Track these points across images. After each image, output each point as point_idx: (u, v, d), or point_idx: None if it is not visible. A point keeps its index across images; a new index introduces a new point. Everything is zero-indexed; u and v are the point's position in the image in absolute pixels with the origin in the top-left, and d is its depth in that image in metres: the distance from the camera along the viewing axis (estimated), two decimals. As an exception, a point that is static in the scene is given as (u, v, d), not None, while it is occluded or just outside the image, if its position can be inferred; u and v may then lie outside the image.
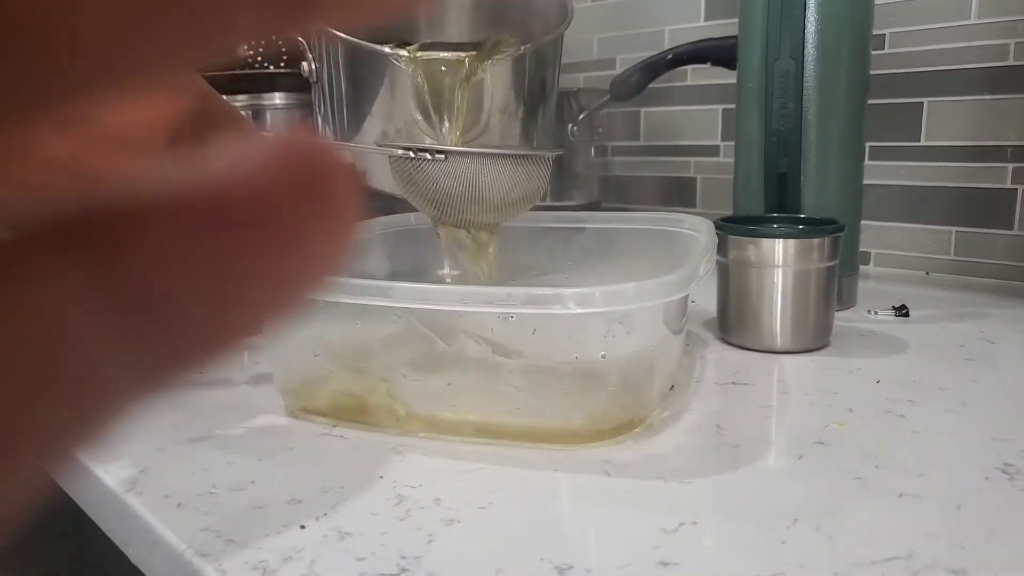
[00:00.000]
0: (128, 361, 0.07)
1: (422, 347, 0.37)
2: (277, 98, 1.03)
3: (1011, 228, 0.73)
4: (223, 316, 0.08)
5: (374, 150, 0.46)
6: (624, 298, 0.32)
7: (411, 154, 0.42)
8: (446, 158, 0.42)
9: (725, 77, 0.87)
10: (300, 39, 0.62)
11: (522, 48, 0.56)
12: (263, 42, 1.04)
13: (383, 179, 0.52)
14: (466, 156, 0.43)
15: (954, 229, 0.76)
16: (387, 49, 0.55)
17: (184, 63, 0.07)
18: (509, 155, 0.43)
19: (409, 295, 0.35)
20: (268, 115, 1.05)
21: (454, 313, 0.35)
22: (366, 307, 0.37)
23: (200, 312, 0.08)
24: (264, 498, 0.33)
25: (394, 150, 0.43)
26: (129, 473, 0.36)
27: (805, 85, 0.58)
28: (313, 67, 0.62)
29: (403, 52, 0.54)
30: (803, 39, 0.57)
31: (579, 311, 0.32)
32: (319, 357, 0.40)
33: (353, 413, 0.40)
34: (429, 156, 0.42)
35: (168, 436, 0.40)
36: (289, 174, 0.08)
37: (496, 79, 0.55)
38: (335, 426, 0.41)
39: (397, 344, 0.37)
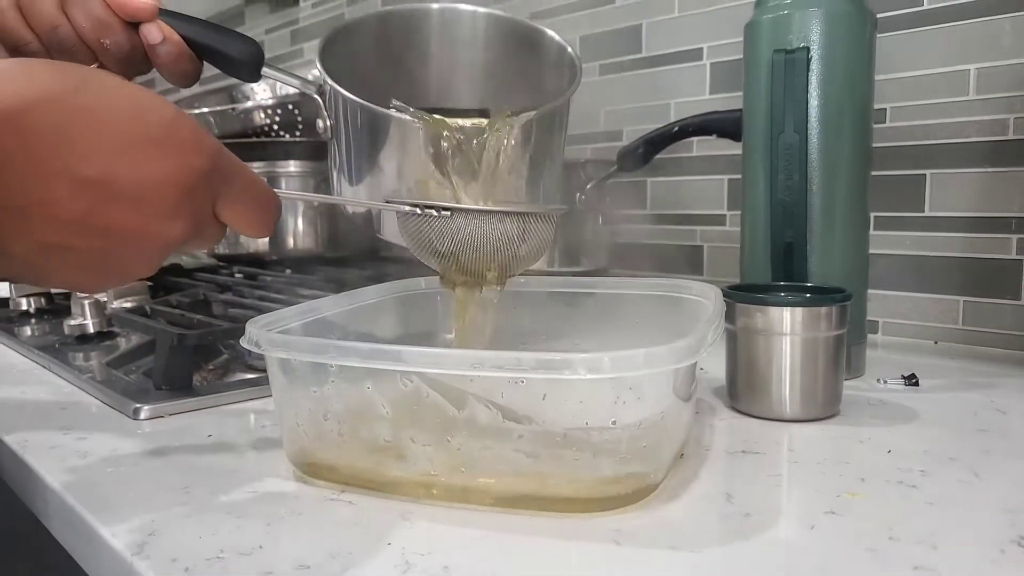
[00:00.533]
0: None
1: (431, 412, 0.37)
2: (292, 166, 1.05)
3: (1018, 298, 0.73)
4: None
5: (383, 207, 0.47)
6: (634, 364, 0.32)
7: (418, 211, 0.44)
8: (452, 215, 0.43)
9: (730, 148, 0.89)
10: (316, 97, 0.64)
11: (534, 112, 0.58)
12: (279, 112, 1.07)
13: (394, 233, 0.54)
14: (472, 213, 0.44)
15: (961, 299, 0.76)
16: (406, 116, 0.56)
17: None
18: (515, 212, 0.44)
19: (419, 359, 0.35)
20: (283, 182, 1.07)
21: (464, 378, 0.35)
22: (376, 371, 0.38)
23: None
24: (272, 563, 0.33)
25: (402, 207, 0.44)
26: (136, 537, 0.36)
27: (809, 157, 0.60)
28: (328, 124, 0.64)
29: (414, 120, 0.56)
30: (806, 113, 0.59)
31: (589, 377, 0.32)
32: (328, 421, 0.40)
33: (361, 478, 0.40)
34: (435, 213, 0.43)
35: (175, 499, 0.40)
36: None
37: (509, 142, 0.56)
38: (343, 491, 0.40)
39: (406, 408, 0.38)
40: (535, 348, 0.35)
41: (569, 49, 0.70)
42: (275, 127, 1.07)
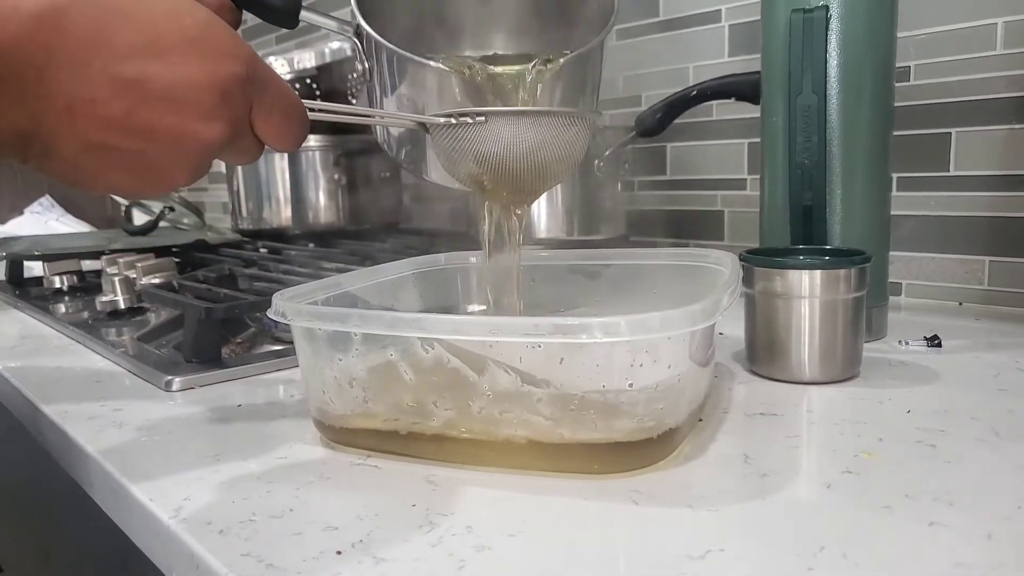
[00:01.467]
0: None
1: (453, 377, 0.38)
2: (310, 140, 1.06)
3: (1045, 257, 0.72)
4: None
5: (418, 118, 0.47)
6: (650, 327, 0.33)
7: (452, 120, 0.44)
8: (487, 120, 0.43)
9: (750, 112, 0.88)
10: (354, 39, 0.64)
11: (571, 55, 0.57)
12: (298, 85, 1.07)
13: (442, 176, 0.54)
14: (506, 116, 0.44)
15: (987, 259, 0.76)
16: (443, 66, 0.56)
17: None
18: (548, 112, 0.45)
19: (440, 326, 0.36)
20: (302, 155, 1.08)
21: (484, 344, 0.36)
22: (398, 338, 0.39)
23: None
24: (301, 525, 0.34)
25: (436, 118, 0.45)
26: (172, 501, 0.37)
27: (828, 119, 0.59)
28: (365, 67, 0.64)
29: (451, 71, 0.55)
30: (825, 74, 0.58)
31: (605, 340, 0.33)
32: (353, 388, 0.41)
33: (386, 443, 0.41)
34: (470, 120, 0.44)
35: (209, 467, 0.42)
36: None
37: (553, 82, 0.56)
38: (368, 456, 0.42)
39: (428, 373, 0.39)
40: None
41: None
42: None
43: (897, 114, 0.63)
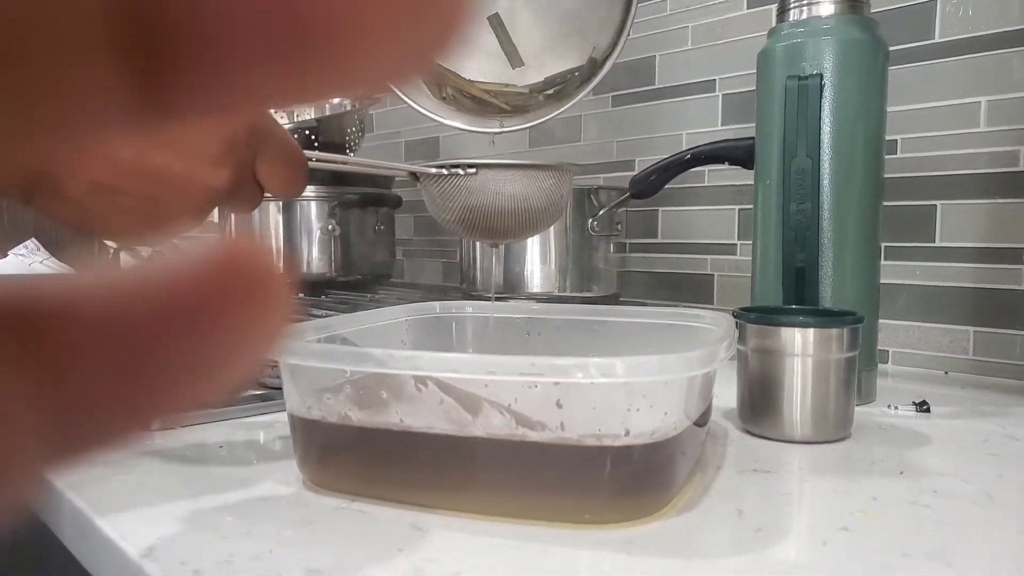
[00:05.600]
0: (34, 437, 0.08)
1: (444, 418, 0.37)
2: (309, 190, 1.06)
3: (1030, 329, 0.73)
4: (136, 405, 0.08)
5: (411, 168, 0.49)
6: (647, 370, 0.33)
7: (444, 171, 0.46)
8: (477, 172, 0.45)
9: (741, 179, 0.90)
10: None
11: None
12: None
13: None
14: (494, 169, 0.46)
15: (972, 329, 0.76)
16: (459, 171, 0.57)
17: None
18: (532, 166, 0.47)
19: (435, 364, 0.35)
20: (298, 205, 1.08)
21: (479, 383, 0.35)
22: (391, 378, 0.38)
23: (115, 401, 0.08)
24: (281, 568, 0.33)
25: (428, 170, 0.47)
26: (145, 539, 0.36)
27: (821, 183, 0.60)
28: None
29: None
30: (819, 139, 0.60)
31: (602, 380, 0.32)
32: (341, 430, 0.41)
33: (373, 487, 0.40)
34: (461, 171, 0.45)
35: (186, 506, 0.40)
36: (219, 280, 0.08)
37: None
38: (354, 500, 0.40)
39: (420, 415, 0.38)
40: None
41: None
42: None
43: (885, 185, 0.64)
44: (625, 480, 0.36)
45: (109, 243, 1.29)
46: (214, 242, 0.08)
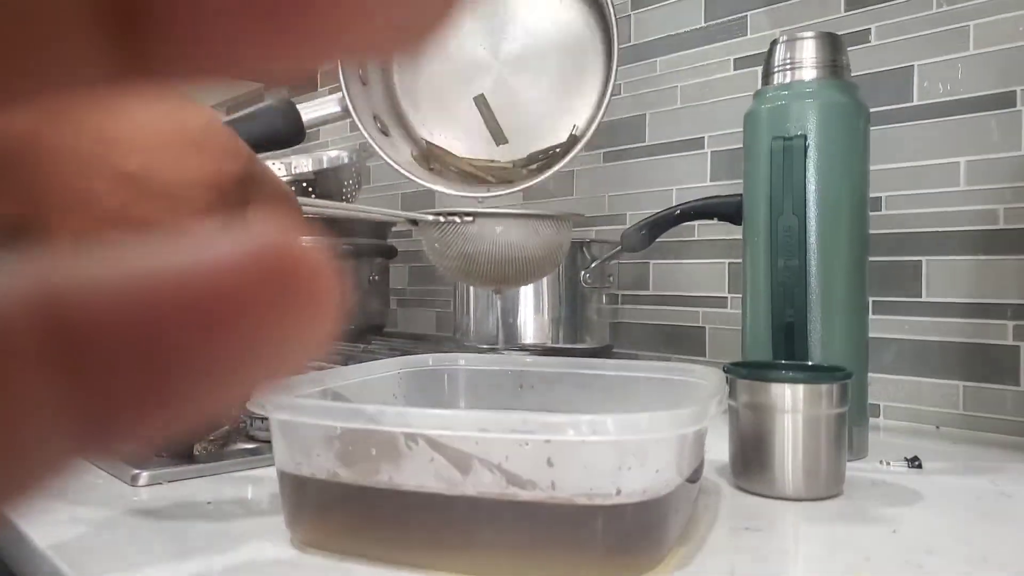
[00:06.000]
0: (66, 430, 0.07)
1: (435, 476, 0.37)
2: (305, 239, 1.07)
3: (1018, 384, 0.73)
4: (165, 406, 0.08)
5: (408, 216, 0.49)
6: (637, 428, 0.33)
7: (441, 219, 0.45)
8: (474, 220, 0.45)
9: (730, 233, 0.91)
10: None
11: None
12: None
13: None
14: (491, 217, 0.46)
15: (961, 384, 0.77)
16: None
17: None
18: (532, 215, 0.47)
19: (425, 421, 0.35)
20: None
21: (469, 440, 0.35)
22: (381, 434, 0.38)
23: (143, 401, 0.07)
24: (267, 628, 0.32)
25: (426, 216, 0.46)
26: (131, 600, 0.35)
27: (808, 240, 0.61)
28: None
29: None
30: (805, 197, 0.61)
31: (593, 439, 0.32)
32: (330, 488, 0.40)
33: (362, 548, 0.39)
34: (458, 220, 0.45)
35: (170, 566, 0.40)
36: (262, 276, 0.07)
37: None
38: (343, 559, 0.40)
39: (410, 473, 0.38)
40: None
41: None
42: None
43: (871, 241, 0.65)
44: (617, 539, 0.36)
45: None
46: (261, 235, 0.08)
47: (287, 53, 0.07)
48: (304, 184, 1.04)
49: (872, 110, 0.65)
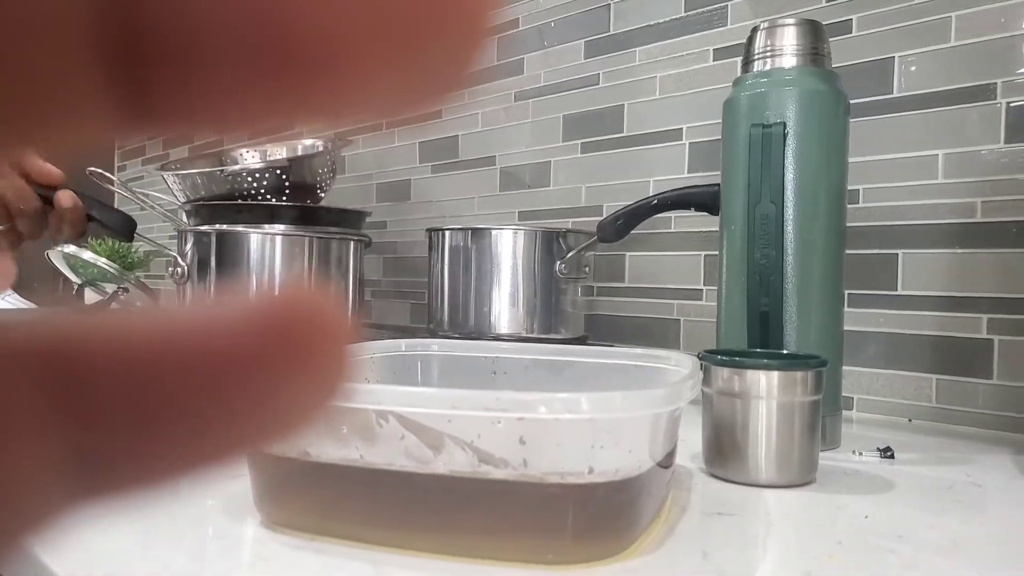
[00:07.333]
0: (65, 477, 0.07)
1: (406, 455, 0.36)
2: (277, 228, 1.06)
3: (990, 378, 0.74)
4: (165, 456, 0.08)
5: None
6: (611, 407, 0.32)
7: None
8: None
9: (706, 225, 0.91)
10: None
11: None
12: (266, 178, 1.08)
13: None
14: None
15: (934, 377, 0.77)
16: None
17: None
18: None
19: (397, 398, 0.35)
20: (266, 242, 1.07)
21: (441, 419, 0.35)
22: (351, 412, 0.37)
23: (141, 450, 0.08)
24: (231, 608, 0.32)
25: None
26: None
27: (785, 228, 0.61)
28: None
29: None
30: (783, 185, 0.61)
31: (567, 416, 0.32)
32: (299, 468, 0.39)
33: (332, 526, 0.39)
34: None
35: (136, 544, 0.39)
36: (270, 333, 0.08)
37: None
38: (312, 539, 0.39)
39: (381, 451, 0.37)
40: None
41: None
42: (262, 190, 1.08)
43: (848, 234, 0.65)
44: (589, 520, 0.35)
45: (69, 277, 1.26)
46: (269, 294, 0.08)
47: (292, 110, 0.07)
48: (278, 171, 1.03)
49: (851, 102, 0.65)
